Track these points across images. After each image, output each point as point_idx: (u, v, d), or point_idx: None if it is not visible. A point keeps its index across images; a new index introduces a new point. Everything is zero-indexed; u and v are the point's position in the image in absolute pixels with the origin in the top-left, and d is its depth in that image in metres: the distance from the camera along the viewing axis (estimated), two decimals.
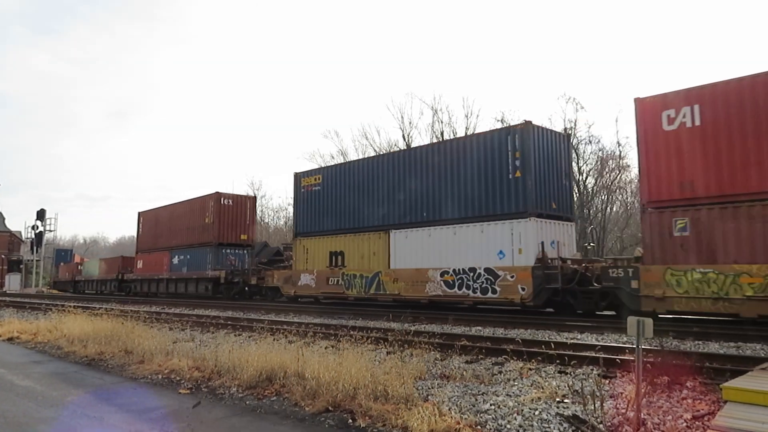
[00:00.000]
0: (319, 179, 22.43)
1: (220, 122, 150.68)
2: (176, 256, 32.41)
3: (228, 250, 29.42)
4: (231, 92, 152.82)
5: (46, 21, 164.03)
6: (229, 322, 15.17)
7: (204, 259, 29.50)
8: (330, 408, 6.30)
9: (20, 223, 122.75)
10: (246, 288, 27.28)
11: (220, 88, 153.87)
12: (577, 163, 41.43)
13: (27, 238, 71.66)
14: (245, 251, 30.06)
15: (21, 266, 72.07)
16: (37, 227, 67.21)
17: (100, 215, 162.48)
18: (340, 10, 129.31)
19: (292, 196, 24.06)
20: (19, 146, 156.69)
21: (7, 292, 55.06)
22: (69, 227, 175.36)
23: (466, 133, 45.70)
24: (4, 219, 77.85)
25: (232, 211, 29.97)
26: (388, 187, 19.62)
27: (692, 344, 10.24)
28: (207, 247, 29.41)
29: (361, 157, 48.37)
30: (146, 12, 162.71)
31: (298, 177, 23.66)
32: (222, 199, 29.69)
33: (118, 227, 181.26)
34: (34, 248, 67.21)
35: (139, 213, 38.03)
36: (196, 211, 30.79)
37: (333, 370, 6.89)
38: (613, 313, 14.24)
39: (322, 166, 21.79)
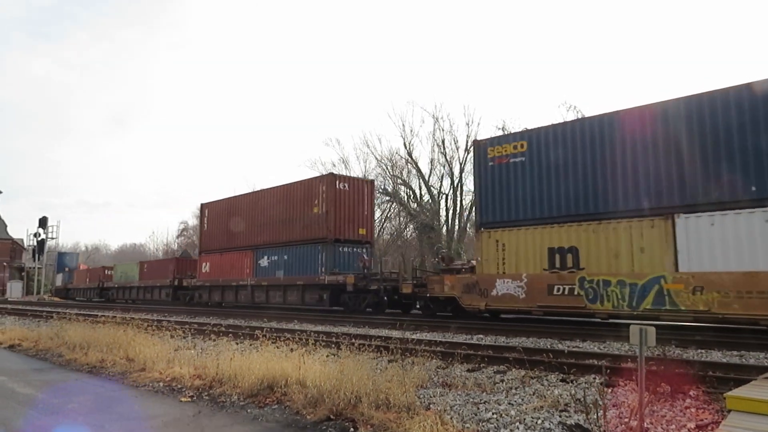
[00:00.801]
0: (522, 147, 16.23)
1: (219, 128, 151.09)
2: (265, 257, 25.99)
3: (346, 248, 23.30)
4: (230, 97, 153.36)
5: (45, 27, 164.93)
6: (230, 330, 15.14)
7: (313, 261, 23.27)
8: (331, 416, 6.28)
9: (21, 230, 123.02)
10: (386, 298, 20.93)
11: (219, 94, 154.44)
12: None
13: (29, 246, 71.87)
14: (364, 249, 24.01)
15: (23, 274, 72.18)
16: (39, 235, 67.44)
17: (100, 222, 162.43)
18: (340, 14, 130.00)
19: (473, 172, 18.03)
20: (18, 152, 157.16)
21: (9, 299, 55.11)
22: (70, 234, 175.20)
23: (467, 143, 45.90)
24: (6, 226, 78.02)
25: (349, 199, 23.67)
26: (666, 151, 13.43)
27: (695, 353, 10.22)
28: (317, 244, 23.07)
29: (362, 166, 48.45)
30: (145, 18, 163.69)
31: (482, 147, 17.45)
32: (337, 183, 23.49)
33: (119, 234, 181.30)
34: (36, 256, 67.38)
35: (202, 205, 31.82)
36: (298, 199, 24.45)
37: (334, 378, 6.87)
38: None
39: (526, 129, 16.41)
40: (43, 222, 67.44)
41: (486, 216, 17.00)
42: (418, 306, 20.46)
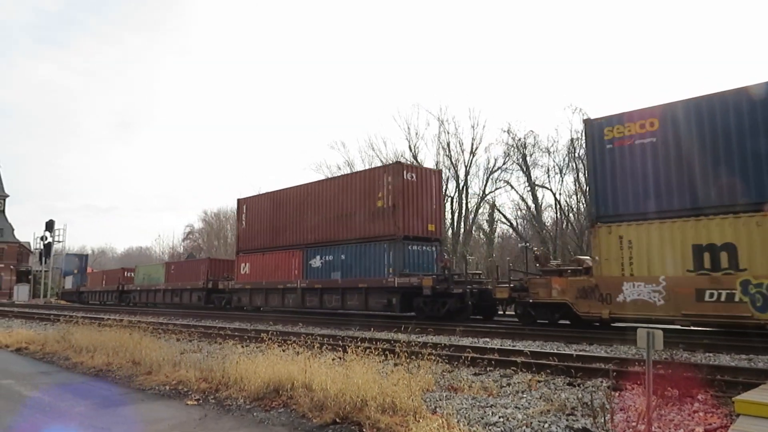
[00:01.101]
0: (653, 125, 13.66)
1: (224, 131, 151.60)
2: (317, 257, 23.08)
3: (415, 246, 20.60)
4: (234, 101, 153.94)
5: (51, 32, 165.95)
6: (236, 333, 15.15)
7: (377, 260, 20.45)
8: (337, 420, 6.26)
9: (28, 233, 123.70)
10: (470, 303, 18.68)
11: (223, 97, 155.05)
12: (584, 174, 41.53)
13: (36, 249, 72.23)
14: (433, 248, 21.37)
15: (29, 277, 72.54)
16: (46, 238, 67.78)
17: (105, 226, 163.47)
18: (344, 17, 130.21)
19: (585, 156, 14.89)
20: (25, 156, 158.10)
21: (16, 302, 55.33)
22: (77, 238, 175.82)
23: (472, 145, 45.88)
24: (13, 230, 78.52)
25: (417, 190, 20.91)
26: None
27: (703, 356, 10.16)
28: (383, 242, 20.35)
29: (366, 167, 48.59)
30: (151, 23, 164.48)
31: (596, 127, 14.85)
32: (404, 173, 20.70)
33: (125, 238, 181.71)
34: (43, 259, 67.70)
35: (239, 200, 29.13)
36: (359, 192, 21.68)
37: (340, 382, 6.86)
38: None
39: (658, 104, 13.97)
40: (49, 225, 67.83)
41: (604, 208, 14.47)
42: (505, 312, 18.71)
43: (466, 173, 46.20)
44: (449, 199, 47.55)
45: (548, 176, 43.48)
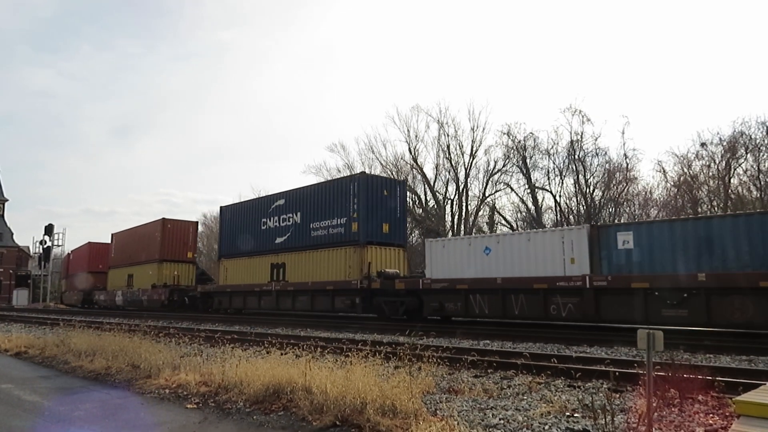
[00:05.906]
0: None
1: (222, 134, 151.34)
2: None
3: None
4: (232, 105, 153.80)
5: (50, 40, 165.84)
6: (236, 337, 15.13)
7: None
8: (337, 422, 6.25)
9: (27, 238, 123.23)
10: None
11: (221, 101, 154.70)
12: (584, 176, 41.55)
13: (35, 253, 72.20)
14: None
15: (29, 281, 72.48)
16: (45, 242, 67.70)
17: (105, 231, 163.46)
18: (345, 17, 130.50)
19: None
20: (26, 163, 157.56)
21: (15, 307, 55.26)
22: (76, 242, 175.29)
23: (472, 148, 45.91)
24: (12, 234, 78.50)
25: None
26: None
27: (703, 357, 10.16)
28: None
29: (368, 172, 48.59)
30: (146, 29, 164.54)
31: None
32: None
33: None
34: (42, 263, 67.63)
35: None
36: None
37: (340, 385, 6.84)
38: None
39: None
40: (48, 229, 67.73)
41: None
42: None
43: (466, 176, 46.29)
44: (449, 201, 47.60)
45: (548, 178, 43.61)
